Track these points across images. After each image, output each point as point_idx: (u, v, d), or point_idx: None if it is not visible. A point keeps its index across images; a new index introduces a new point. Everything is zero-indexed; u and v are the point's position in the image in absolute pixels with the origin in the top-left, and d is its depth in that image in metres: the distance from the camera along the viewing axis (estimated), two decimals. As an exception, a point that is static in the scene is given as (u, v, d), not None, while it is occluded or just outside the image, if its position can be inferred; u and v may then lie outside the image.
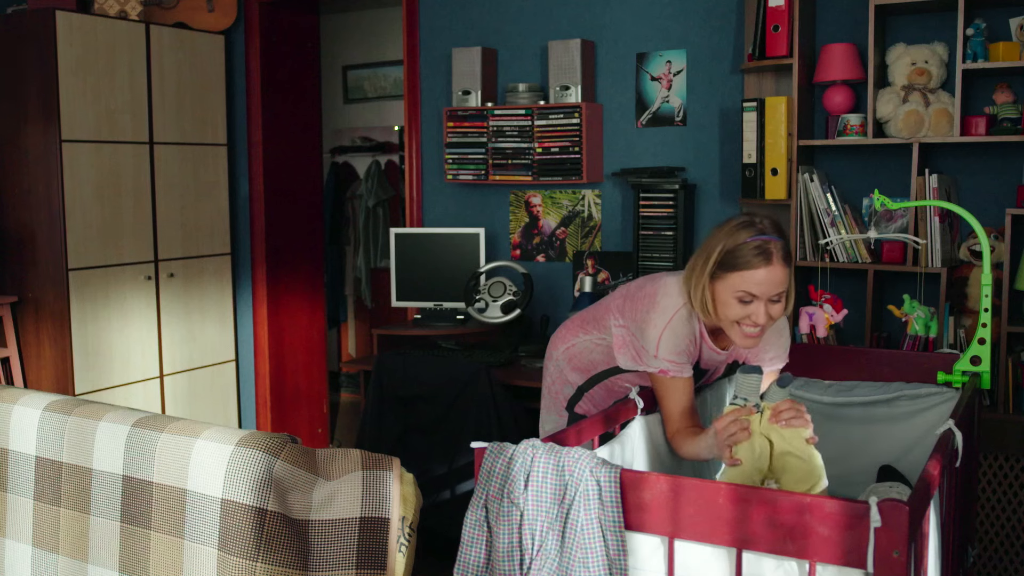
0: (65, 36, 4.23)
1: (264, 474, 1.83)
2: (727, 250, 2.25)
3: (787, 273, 2.25)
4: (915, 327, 3.17)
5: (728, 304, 2.27)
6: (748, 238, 2.24)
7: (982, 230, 2.81)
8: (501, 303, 4.11)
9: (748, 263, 2.22)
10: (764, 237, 2.23)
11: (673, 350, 2.37)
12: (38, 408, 2.18)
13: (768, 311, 2.26)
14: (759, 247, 2.22)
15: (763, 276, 2.22)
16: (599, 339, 2.60)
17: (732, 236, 2.26)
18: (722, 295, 2.27)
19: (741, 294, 2.24)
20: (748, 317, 2.26)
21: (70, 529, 2.09)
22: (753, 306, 2.25)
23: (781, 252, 2.24)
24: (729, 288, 2.25)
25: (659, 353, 2.37)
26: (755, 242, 2.23)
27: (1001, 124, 3.39)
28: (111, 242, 4.48)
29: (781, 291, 2.26)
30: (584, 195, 4.36)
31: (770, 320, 2.27)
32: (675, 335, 2.37)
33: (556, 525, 1.81)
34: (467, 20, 4.57)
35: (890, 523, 1.54)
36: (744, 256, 2.23)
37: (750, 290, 2.23)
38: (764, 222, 2.27)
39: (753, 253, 2.22)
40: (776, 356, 2.54)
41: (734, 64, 4.00)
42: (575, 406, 2.73)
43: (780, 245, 2.24)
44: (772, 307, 2.26)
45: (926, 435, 2.77)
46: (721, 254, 2.26)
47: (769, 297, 2.24)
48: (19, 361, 4.45)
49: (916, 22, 3.64)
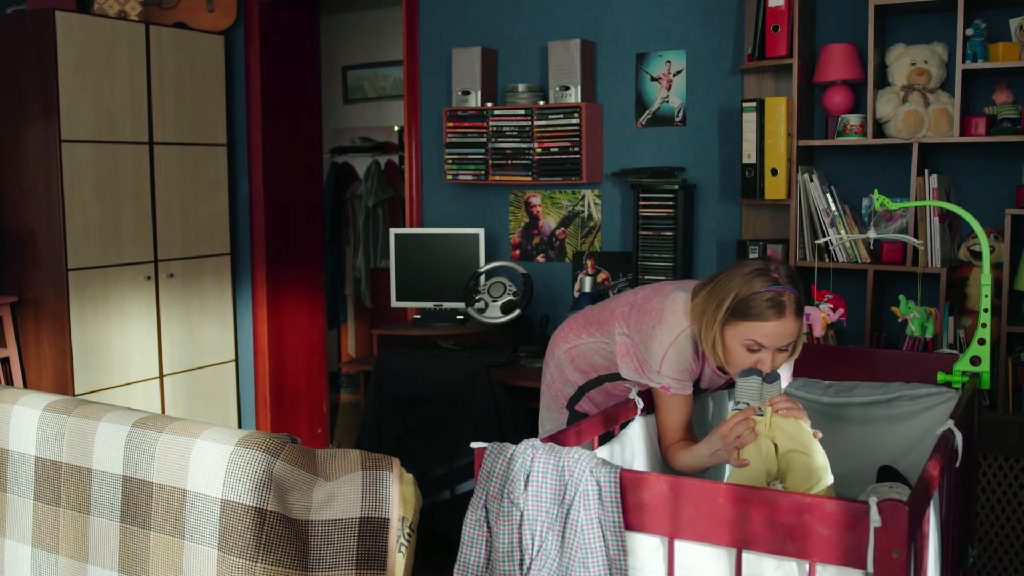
0: (65, 36, 4.23)
1: (264, 474, 1.83)
2: (740, 298, 2.23)
3: (798, 325, 2.25)
4: (912, 328, 3.17)
5: (736, 352, 2.27)
6: (762, 288, 2.22)
7: (982, 230, 2.81)
8: (501, 303, 4.11)
9: (760, 314, 2.21)
10: (779, 288, 2.22)
11: (676, 367, 2.37)
12: (38, 408, 2.18)
13: (775, 359, 2.26)
14: (772, 299, 2.20)
15: (774, 328, 2.21)
16: (602, 342, 2.60)
17: (746, 285, 2.23)
18: (730, 342, 2.27)
19: (750, 343, 2.24)
20: (755, 364, 2.26)
21: (70, 529, 2.09)
22: (760, 355, 2.25)
23: (794, 305, 2.23)
24: (738, 336, 2.25)
25: (663, 370, 2.38)
26: (769, 293, 2.21)
27: (1001, 124, 3.39)
28: (111, 242, 4.48)
29: (790, 342, 2.26)
30: (584, 195, 4.36)
31: (775, 367, 2.27)
32: (679, 354, 2.37)
33: (556, 525, 1.81)
34: (467, 20, 4.58)
35: (890, 523, 1.54)
36: (757, 307, 2.21)
37: (759, 340, 2.23)
38: (779, 271, 2.25)
39: (767, 305, 2.20)
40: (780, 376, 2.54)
41: (734, 64, 4.00)
42: (576, 405, 2.73)
43: (794, 297, 2.23)
44: (779, 356, 2.26)
45: (926, 435, 2.77)
46: (734, 301, 2.24)
47: (777, 347, 2.25)
48: (19, 361, 4.45)
49: (916, 22, 3.64)
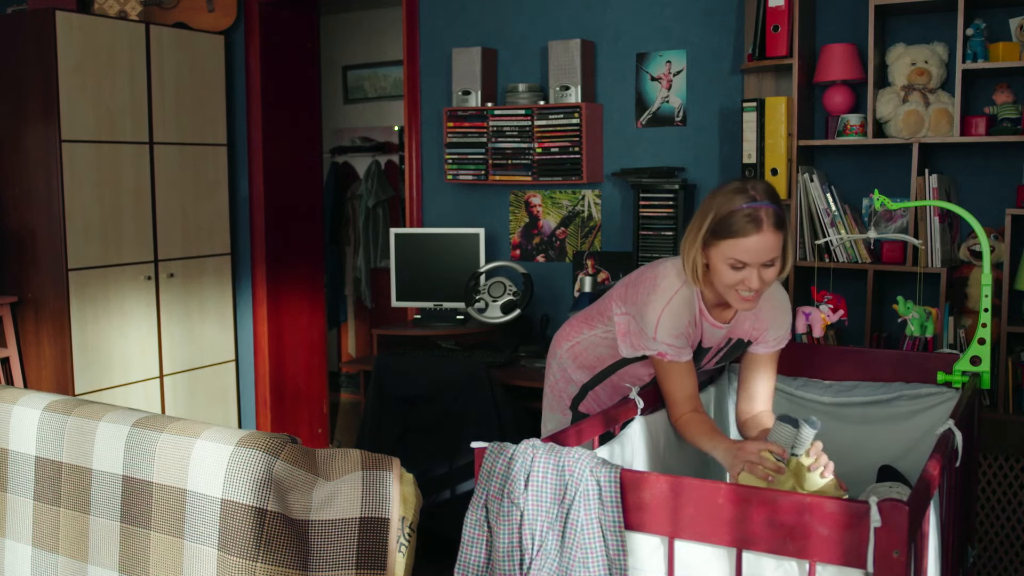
0: (65, 36, 4.23)
1: (264, 474, 1.83)
2: (719, 217, 2.26)
3: (779, 239, 2.26)
4: (911, 328, 3.17)
5: (721, 270, 2.29)
6: (740, 205, 2.24)
7: (982, 230, 2.81)
8: (501, 303, 4.11)
9: (739, 230, 2.23)
10: (756, 204, 2.24)
11: (671, 332, 2.37)
12: (38, 408, 2.18)
13: (761, 276, 2.27)
14: (750, 214, 2.23)
15: (754, 243, 2.23)
16: (604, 333, 2.60)
17: (725, 203, 2.27)
18: (715, 261, 2.29)
19: (732, 261, 2.25)
20: (742, 282, 2.27)
21: (70, 529, 2.09)
22: (746, 272, 2.26)
23: (773, 218, 2.24)
24: (721, 255, 2.27)
25: (657, 335, 2.38)
26: (747, 209, 2.23)
27: (1001, 124, 3.39)
28: (111, 242, 4.48)
29: (773, 256, 2.27)
30: (584, 195, 4.36)
31: (764, 284, 2.28)
32: (673, 316, 2.38)
33: (556, 525, 1.81)
34: (467, 20, 4.58)
35: (890, 523, 1.54)
36: (736, 223, 2.24)
37: (741, 257, 2.24)
38: (757, 188, 2.27)
39: (745, 220, 2.23)
40: (781, 336, 2.54)
41: (734, 64, 4.00)
42: (579, 405, 2.72)
43: (772, 211, 2.25)
44: (765, 271, 2.27)
45: (926, 435, 2.77)
46: (714, 221, 2.27)
47: (761, 263, 2.26)
48: (19, 361, 4.45)
49: (916, 22, 3.64)
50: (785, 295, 2.56)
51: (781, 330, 2.53)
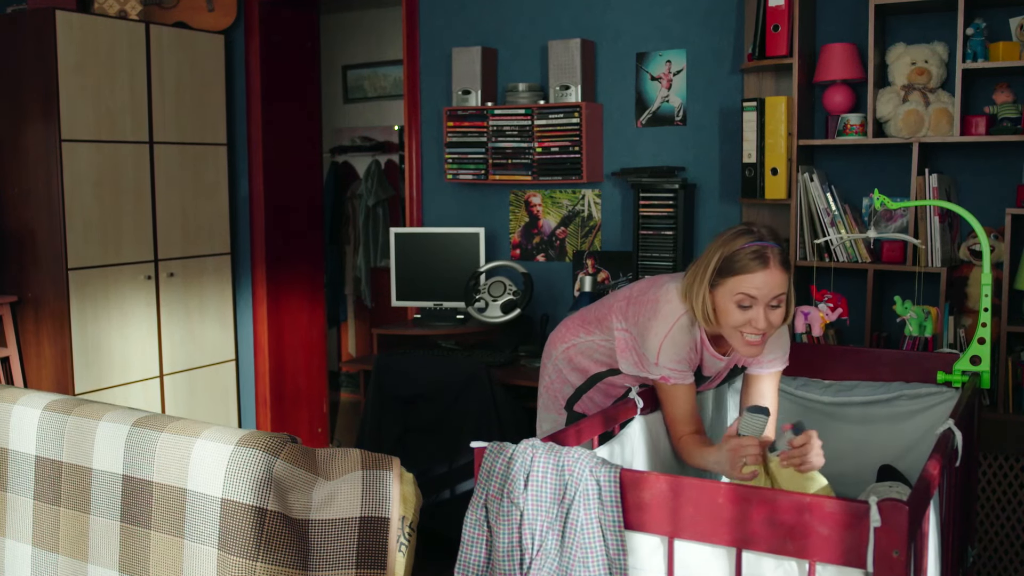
0: (65, 35, 4.23)
1: (264, 474, 1.83)
2: (725, 257, 2.29)
3: (785, 278, 2.29)
4: (910, 328, 3.17)
5: (728, 311, 2.30)
6: (745, 244, 2.28)
7: (982, 230, 2.81)
8: (501, 303, 4.11)
9: (745, 267, 2.26)
10: (761, 243, 2.28)
11: (674, 358, 2.39)
12: (38, 408, 2.18)
13: (768, 317, 2.28)
14: (756, 251, 2.26)
15: (761, 280, 2.26)
16: (601, 340, 2.60)
17: (729, 244, 2.31)
18: (722, 302, 2.30)
19: (740, 297, 2.27)
20: (749, 323, 2.28)
21: (70, 529, 2.09)
22: (753, 311, 2.27)
23: (778, 257, 2.28)
24: (728, 293, 2.28)
25: (660, 361, 2.39)
26: (752, 247, 2.27)
27: (1001, 124, 3.39)
28: (111, 242, 4.48)
29: (780, 295, 2.28)
30: (584, 195, 4.36)
31: (770, 327, 2.30)
32: (675, 344, 2.39)
33: (556, 525, 1.81)
34: (467, 20, 4.58)
35: (890, 523, 1.54)
36: (741, 261, 2.27)
37: (749, 292, 2.26)
38: (761, 230, 2.32)
39: (750, 257, 2.26)
40: (776, 358, 2.55)
41: (734, 64, 4.00)
42: (574, 405, 2.73)
43: (777, 251, 2.29)
44: (772, 313, 2.29)
45: (926, 435, 2.77)
46: (719, 261, 2.30)
47: (768, 302, 2.27)
48: (19, 361, 4.45)
49: (916, 22, 3.64)
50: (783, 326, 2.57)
51: (777, 352, 2.54)
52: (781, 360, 2.55)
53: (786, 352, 2.57)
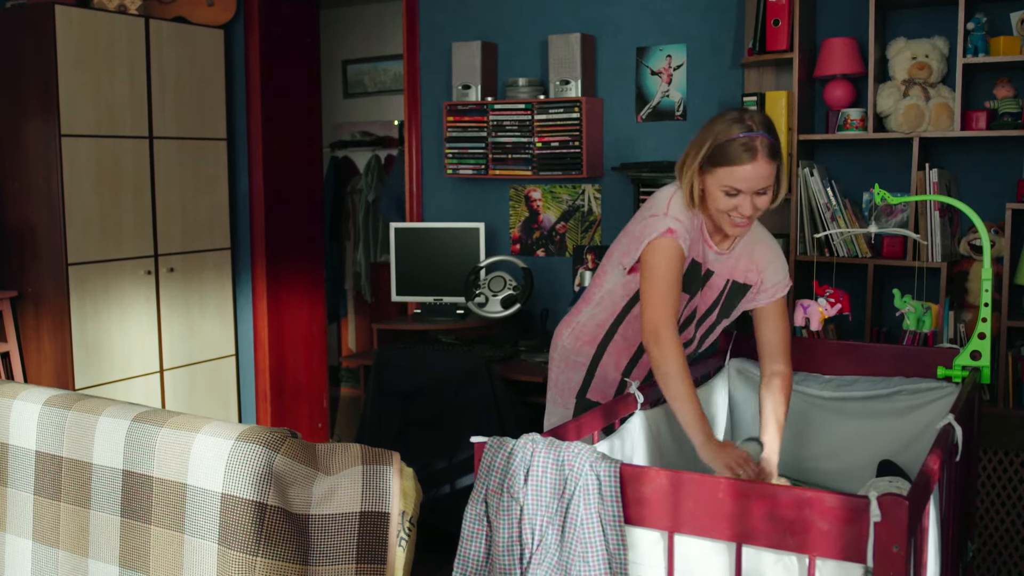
0: (64, 30, 4.22)
1: (264, 469, 1.83)
2: (716, 144, 2.34)
3: (772, 168, 2.33)
4: (908, 322, 3.17)
5: (716, 196, 2.37)
6: (737, 134, 2.31)
7: (982, 225, 2.81)
8: (501, 298, 4.11)
9: (735, 158, 2.31)
10: (752, 134, 2.31)
11: (682, 211, 2.43)
12: (38, 403, 2.18)
13: (754, 203, 2.35)
14: (746, 143, 2.30)
15: (749, 172, 2.31)
16: (601, 297, 2.66)
17: (723, 131, 2.34)
18: (710, 187, 2.37)
19: (727, 188, 2.34)
20: (735, 209, 2.36)
21: (70, 524, 2.09)
22: (739, 199, 2.34)
23: (767, 148, 2.31)
24: (716, 181, 2.35)
25: (669, 210, 2.43)
26: (743, 138, 2.31)
27: (1001, 118, 3.39)
28: (111, 237, 4.48)
29: (766, 185, 2.34)
30: (584, 190, 4.36)
31: (756, 211, 2.36)
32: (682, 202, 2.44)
33: (556, 520, 1.81)
34: (467, 14, 4.57)
35: (890, 518, 1.54)
36: (731, 151, 2.31)
37: (735, 184, 2.32)
38: (754, 118, 2.35)
39: (740, 149, 2.30)
40: (779, 283, 2.59)
41: (734, 58, 4.00)
42: (588, 391, 2.72)
43: (767, 141, 2.32)
44: (758, 199, 2.35)
45: (926, 430, 2.77)
46: (711, 148, 2.34)
47: (755, 191, 2.33)
48: (19, 356, 4.45)
49: (916, 16, 3.63)
50: (773, 238, 2.64)
51: (778, 275, 2.58)
52: (783, 284, 2.60)
53: (787, 274, 2.62)
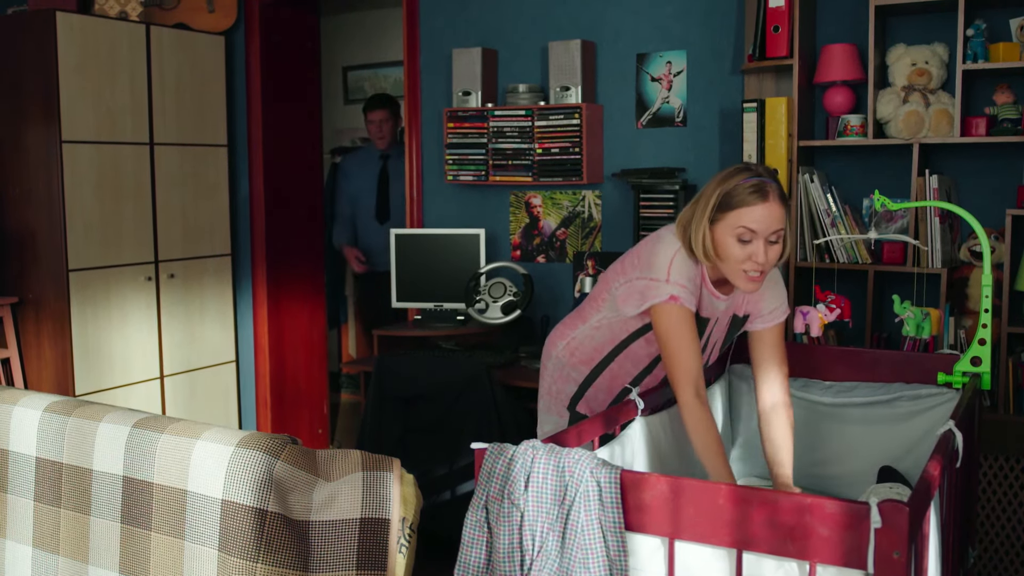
0: (65, 37, 4.23)
1: (264, 475, 1.83)
2: (724, 192, 2.32)
3: (784, 212, 2.32)
4: (907, 328, 3.17)
5: (728, 246, 2.32)
6: (743, 179, 2.31)
7: (982, 231, 2.81)
8: (501, 304, 4.11)
9: (745, 200, 2.30)
10: (759, 178, 2.31)
11: (684, 275, 2.39)
12: (38, 409, 2.18)
13: (767, 253, 2.31)
14: (755, 186, 2.30)
15: (761, 212, 2.29)
16: (600, 320, 2.61)
17: (728, 180, 2.33)
18: (722, 237, 2.33)
19: (741, 231, 2.30)
20: (749, 258, 2.31)
21: (70, 530, 2.09)
22: (753, 245, 2.30)
23: (777, 192, 2.32)
24: (728, 228, 2.31)
25: (671, 277, 2.38)
26: (751, 182, 2.30)
27: (1001, 125, 3.39)
28: (111, 243, 4.48)
29: (779, 229, 2.31)
30: (584, 196, 4.36)
31: (768, 263, 2.33)
32: (684, 262, 2.41)
33: (556, 526, 1.81)
34: (467, 21, 4.58)
35: (890, 524, 1.54)
36: (741, 195, 2.30)
37: (749, 226, 2.29)
38: (758, 167, 2.35)
39: (749, 191, 2.30)
40: (776, 308, 2.57)
41: (734, 65, 4.00)
42: (578, 404, 2.72)
43: (775, 186, 2.32)
44: (771, 248, 2.32)
45: (926, 436, 2.77)
46: (719, 197, 2.33)
47: (767, 236, 2.30)
48: (19, 362, 4.45)
49: (916, 23, 3.64)
50: (778, 272, 2.62)
51: (775, 301, 2.56)
52: (782, 310, 2.58)
53: (785, 301, 2.60)
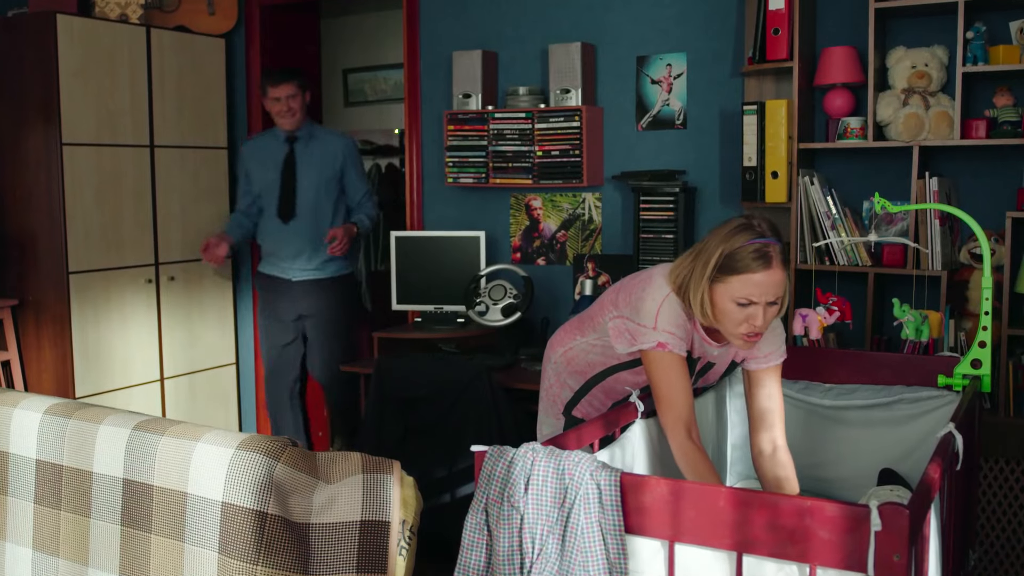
0: (66, 39, 4.24)
1: (265, 477, 1.83)
2: (726, 254, 2.25)
3: (785, 276, 2.27)
4: (906, 331, 3.17)
5: (727, 310, 2.27)
6: (747, 242, 2.24)
7: (982, 233, 2.81)
8: (502, 306, 4.11)
9: (748, 267, 2.23)
10: (763, 240, 2.24)
11: (672, 322, 2.35)
12: (39, 411, 2.18)
13: (766, 315, 2.26)
14: (758, 251, 2.23)
15: (762, 279, 2.23)
16: (595, 340, 2.59)
17: (730, 240, 2.26)
18: (720, 300, 2.28)
19: (741, 298, 2.24)
20: (747, 321, 2.26)
21: (71, 532, 2.09)
22: (752, 309, 2.25)
23: (779, 256, 2.25)
24: (728, 292, 2.26)
25: (658, 324, 2.34)
26: (754, 245, 2.23)
27: (1001, 127, 3.39)
28: (112, 245, 4.48)
29: (779, 294, 2.27)
30: (584, 198, 4.36)
31: (766, 325, 2.28)
32: (672, 308, 2.36)
33: (556, 529, 1.81)
34: (467, 23, 4.58)
35: (891, 527, 1.54)
36: (743, 260, 2.23)
37: (750, 295, 2.23)
38: (762, 225, 2.28)
39: (752, 257, 2.23)
40: (772, 352, 2.51)
41: (734, 67, 4.00)
42: (573, 409, 2.73)
43: (778, 249, 2.26)
44: (769, 310, 2.27)
45: (927, 438, 2.77)
46: (720, 258, 2.26)
47: (768, 300, 2.25)
48: (20, 364, 4.45)
49: (916, 25, 3.64)
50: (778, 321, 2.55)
51: (772, 345, 2.50)
52: (778, 354, 2.52)
53: (783, 345, 2.54)
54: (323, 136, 4.45)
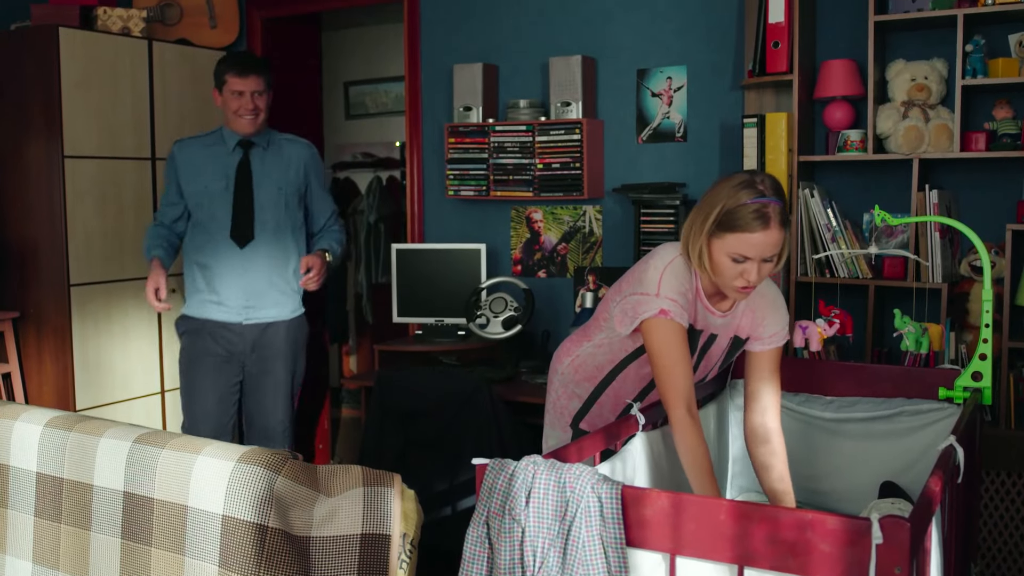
0: (68, 52, 4.25)
1: (265, 491, 1.83)
2: (727, 210, 2.27)
3: (783, 236, 2.29)
4: (906, 343, 3.17)
5: (722, 263, 2.30)
6: (748, 200, 2.26)
7: (982, 245, 2.81)
8: (502, 319, 4.11)
9: (746, 225, 2.25)
10: (764, 200, 2.25)
11: (675, 289, 2.36)
12: (39, 424, 2.18)
13: (760, 270, 2.30)
14: (758, 210, 2.24)
15: (759, 239, 2.25)
16: (602, 340, 2.60)
17: (733, 196, 2.28)
18: (717, 254, 2.31)
19: (735, 254, 2.28)
20: (741, 275, 2.30)
21: (71, 545, 2.09)
22: (746, 265, 2.28)
23: (779, 216, 2.27)
24: (724, 248, 2.29)
25: (660, 291, 2.35)
26: (755, 204, 2.25)
27: (1001, 140, 3.40)
28: (113, 258, 4.48)
29: (775, 253, 2.29)
30: (585, 211, 4.37)
31: (760, 278, 2.31)
32: (676, 275, 2.38)
33: (557, 542, 1.81)
34: (468, 36, 4.59)
35: (892, 540, 1.54)
36: (742, 218, 2.25)
37: (745, 252, 2.26)
38: (765, 183, 2.29)
39: (752, 216, 2.25)
40: (777, 332, 2.54)
41: (734, 80, 4.02)
42: (581, 421, 2.72)
43: (778, 208, 2.27)
44: (764, 266, 2.30)
45: (928, 451, 2.77)
46: (721, 213, 2.28)
47: (763, 258, 2.28)
48: (20, 377, 4.45)
49: (916, 38, 3.65)
50: (777, 290, 2.58)
51: (777, 325, 2.53)
52: (782, 335, 2.54)
53: (786, 325, 2.56)
54: (281, 142, 3.72)
